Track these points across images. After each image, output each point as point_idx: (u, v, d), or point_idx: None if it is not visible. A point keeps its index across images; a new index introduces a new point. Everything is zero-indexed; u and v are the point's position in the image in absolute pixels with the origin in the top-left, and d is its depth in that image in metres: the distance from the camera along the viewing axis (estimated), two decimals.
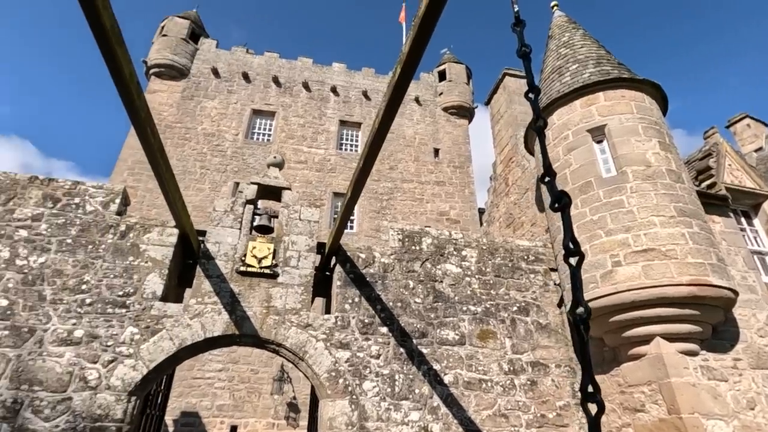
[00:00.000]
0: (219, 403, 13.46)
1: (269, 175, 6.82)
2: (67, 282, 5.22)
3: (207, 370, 13.74)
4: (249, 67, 20.59)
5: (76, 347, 4.91)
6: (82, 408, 4.64)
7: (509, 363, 6.24)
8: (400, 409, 5.52)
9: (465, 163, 20.66)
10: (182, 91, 19.16)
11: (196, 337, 5.25)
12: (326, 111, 20.30)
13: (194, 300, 5.50)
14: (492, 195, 10.83)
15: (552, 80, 7.55)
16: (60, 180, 5.87)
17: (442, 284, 6.61)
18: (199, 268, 5.74)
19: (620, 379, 5.76)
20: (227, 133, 18.58)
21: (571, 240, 1.18)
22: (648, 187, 5.76)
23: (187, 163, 17.47)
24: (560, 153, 6.77)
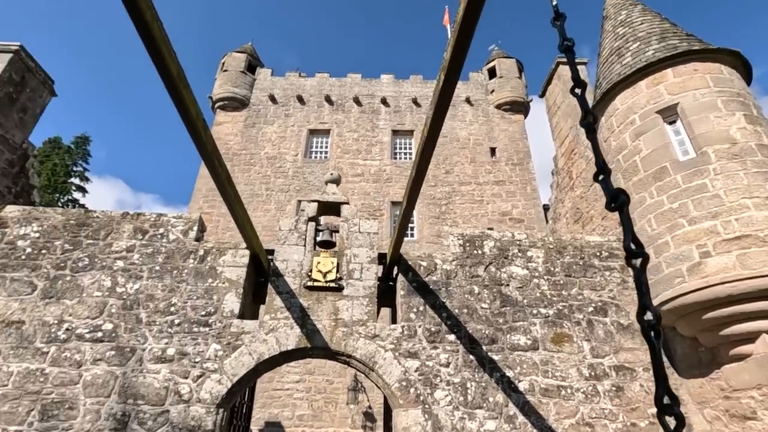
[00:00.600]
0: (299, 413, 14.00)
1: (328, 192, 7.07)
2: (158, 305, 5.78)
3: (285, 381, 14.38)
4: (302, 89, 21.57)
5: (170, 364, 5.40)
6: (178, 420, 5.08)
7: (589, 368, 5.85)
8: (474, 418, 5.39)
9: (524, 159, 19.89)
10: (244, 120, 20.52)
11: (272, 351, 5.55)
12: (378, 122, 20.65)
13: (268, 316, 5.82)
14: (555, 190, 10.32)
15: (611, 63, 7.08)
16: (146, 213, 6.55)
17: (509, 288, 6.39)
18: (270, 285, 6.07)
19: (723, 383, 5.17)
20: (287, 155, 19.55)
21: (632, 240, 1.11)
22: (735, 166, 5.17)
23: (253, 187, 18.61)
24: (627, 140, 6.30)
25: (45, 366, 5.28)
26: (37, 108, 9.86)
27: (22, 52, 9.29)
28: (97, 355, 5.38)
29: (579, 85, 1.48)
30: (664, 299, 5.34)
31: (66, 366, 5.30)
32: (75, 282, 5.86)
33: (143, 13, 2.59)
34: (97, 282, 5.88)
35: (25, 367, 5.26)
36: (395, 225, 18.14)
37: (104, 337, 5.51)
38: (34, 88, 9.72)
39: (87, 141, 31.31)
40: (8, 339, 5.41)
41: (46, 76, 9.98)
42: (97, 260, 6.05)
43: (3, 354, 5.32)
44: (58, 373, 5.25)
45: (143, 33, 2.74)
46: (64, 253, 6.08)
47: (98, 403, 5.11)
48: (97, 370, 5.30)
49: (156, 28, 2.79)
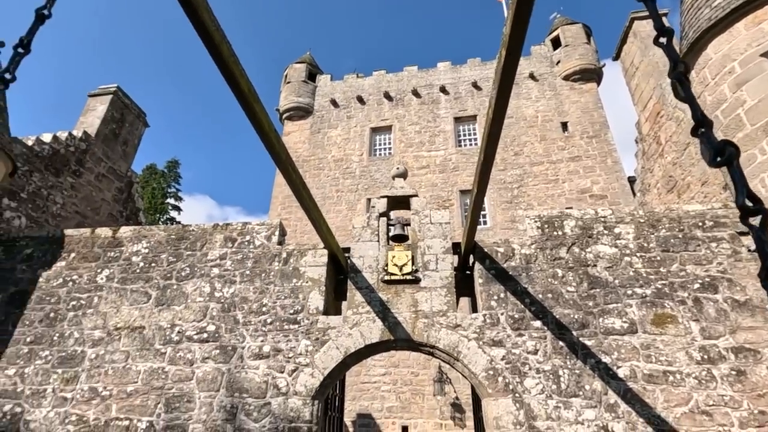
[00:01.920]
0: (388, 405, 14.36)
1: (396, 186, 7.13)
2: (252, 306, 6.26)
3: (372, 374, 14.82)
4: (361, 90, 21.96)
5: (267, 360, 5.83)
6: (279, 411, 5.47)
7: (701, 351, 5.27)
8: (570, 407, 5.12)
9: (601, 130, 18.39)
10: (310, 127, 21.41)
11: (357, 344, 5.75)
12: (439, 112, 20.36)
13: (350, 311, 6.04)
14: (642, 159, 9.40)
15: (697, 9, 6.27)
16: (233, 223, 7.11)
17: (596, 268, 5.96)
18: (350, 281, 6.29)
19: None
20: (353, 155, 20.05)
21: (748, 196, 0.98)
22: None
23: (324, 190, 19.36)
24: (726, 91, 5.55)
25: (164, 365, 5.98)
26: (135, 139, 11.16)
27: (120, 92, 10.56)
28: (205, 354, 5.98)
29: (664, 34, 1.33)
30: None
31: (181, 364, 5.95)
32: (180, 290, 6.56)
33: (212, 36, 2.80)
34: (198, 288, 6.52)
35: (149, 366, 6.00)
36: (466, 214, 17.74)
37: (209, 337, 6.09)
38: (132, 122, 11.00)
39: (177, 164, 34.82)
40: (134, 342, 6.22)
41: (140, 111, 11.24)
42: (196, 269, 6.70)
43: (132, 356, 6.12)
44: (175, 371, 5.92)
45: (215, 55, 2.96)
46: (169, 264, 6.83)
47: (210, 397, 5.68)
48: (206, 367, 5.89)
49: (225, 50, 3.01)
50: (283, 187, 19.73)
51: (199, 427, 5.50)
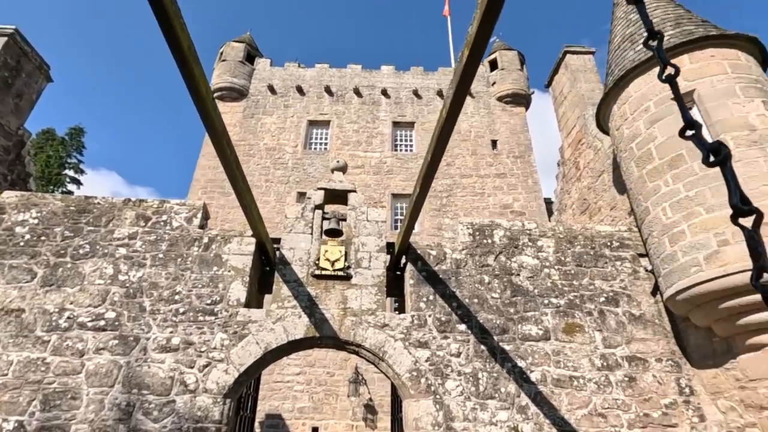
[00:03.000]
0: (299, 406, 13.93)
1: (334, 180, 6.92)
2: (162, 293, 5.63)
3: (286, 374, 14.29)
4: (302, 80, 21.31)
5: (175, 353, 5.26)
6: (184, 410, 4.95)
7: (602, 358, 5.78)
8: (486, 408, 5.30)
9: (525, 152, 19.78)
10: (243, 111, 20.25)
11: (279, 340, 5.42)
12: (378, 114, 20.44)
13: (275, 305, 5.69)
14: (561, 181, 10.21)
15: (624, 50, 6.95)
16: (149, 200, 6.37)
17: (519, 277, 6.29)
18: (277, 273, 5.94)
19: (738, 373, 5.10)
20: (287, 146, 19.33)
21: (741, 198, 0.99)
22: (755, 153, 5.07)
23: (253, 178, 18.37)
24: (641, 127, 6.18)
25: (46, 355, 5.13)
26: (33, 94, 9.61)
27: (18, 35, 9.03)
28: (99, 344, 5.23)
29: (653, 37, 1.35)
30: (680, 288, 5.26)
31: (68, 355, 5.15)
32: (76, 269, 5.70)
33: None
34: (99, 270, 5.72)
35: (26, 356, 5.11)
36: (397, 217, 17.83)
37: (107, 325, 5.36)
38: (30, 73, 9.46)
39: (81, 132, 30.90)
40: (7, 327, 5.25)
41: (42, 62, 9.72)
42: (98, 247, 5.88)
43: (2, 343, 5.16)
44: (59, 363, 5.10)
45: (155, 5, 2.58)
46: (64, 239, 5.91)
47: (102, 393, 4.97)
48: (100, 359, 5.16)
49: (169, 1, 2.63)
50: (207, 170, 18.41)
51: (83, 427, 4.78)
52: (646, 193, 5.95)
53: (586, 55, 10.11)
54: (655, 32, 1.33)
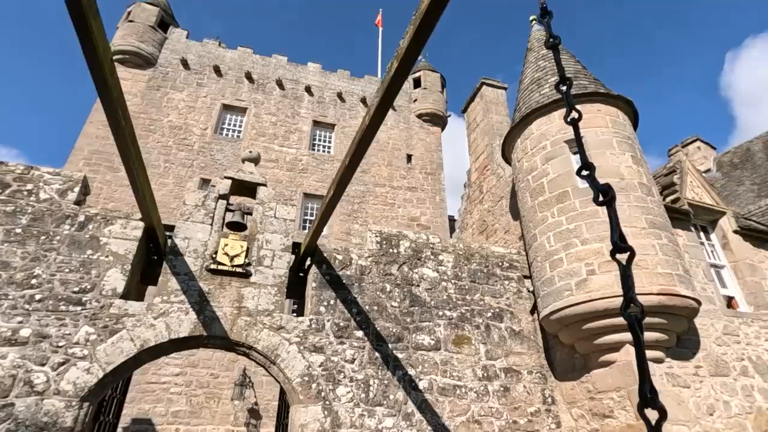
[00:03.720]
0: (174, 410, 12.76)
1: (244, 170, 6.54)
2: (15, 276, 4.74)
3: (163, 374, 13.01)
4: (221, 60, 19.96)
5: (22, 348, 4.45)
6: (26, 415, 4.19)
7: (483, 369, 6.24)
8: (374, 415, 5.37)
9: (437, 170, 20.86)
10: (148, 81, 18.28)
11: (160, 338, 4.90)
12: (300, 110, 19.96)
13: (159, 298, 5.15)
14: (466, 202, 10.93)
15: (531, 91, 7.71)
16: (11, 164, 5.36)
17: (419, 288, 6.54)
18: (166, 264, 5.39)
19: (590, 386, 5.87)
20: (195, 127, 17.86)
21: (619, 237, 1.11)
22: (621, 198, 5.95)
23: (150, 156, 16.61)
24: (538, 162, 6.89)
25: None
26: None
27: None
28: None
29: (564, 82, 1.48)
30: (554, 309, 5.92)
31: None
32: None
33: None
34: None
35: None
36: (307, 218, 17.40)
37: None
38: None
39: None
40: None
41: None
42: None
43: None
44: None
45: None
46: None
47: None
48: None
49: None
50: (94, 139, 16.20)
51: None
52: (536, 222, 6.62)
53: (499, 90, 11.02)
54: (566, 78, 1.47)
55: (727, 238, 7.59)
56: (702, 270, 6.85)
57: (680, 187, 7.45)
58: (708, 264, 7.15)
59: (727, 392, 5.72)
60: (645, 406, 0.94)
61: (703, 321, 6.18)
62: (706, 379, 5.70)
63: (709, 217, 7.81)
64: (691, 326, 5.95)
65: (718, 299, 6.70)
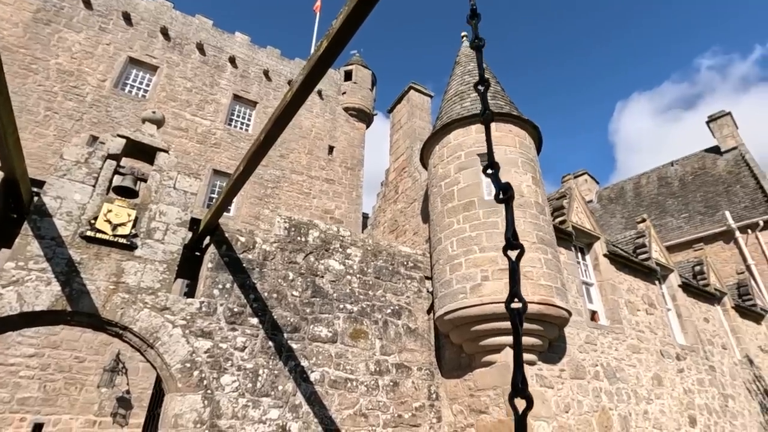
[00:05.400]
0: (22, 396, 11.01)
1: (143, 132, 5.85)
2: None
3: (12, 354, 11.15)
4: (133, 8, 17.76)
5: None
6: None
7: (376, 364, 6.34)
8: (259, 406, 5.14)
9: (357, 166, 20.90)
10: (35, 12, 15.57)
11: (6, 309, 4.14)
12: (220, 81, 18.58)
13: (13, 263, 4.35)
14: (381, 200, 11.09)
15: (454, 102, 8.05)
16: None
17: (323, 279, 6.44)
18: (27, 224, 4.58)
19: (471, 384, 6.30)
20: (90, 77, 15.64)
21: (513, 234, 1.15)
22: (519, 214, 6.48)
23: (27, 100, 14.17)
24: (452, 170, 7.22)
25: None
26: None
27: None
28: None
29: (482, 83, 1.52)
30: (449, 310, 6.23)
31: None
32: None
33: None
34: None
35: None
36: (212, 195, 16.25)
37: None
38: None
39: None
40: None
41: None
42: None
43: None
44: None
45: None
46: None
47: None
48: None
49: None
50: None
51: None
52: (443, 226, 6.93)
53: (426, 96, 11.37)
54: (485, 79, 1.50)
55: (598, 260, 8.71)
56: (576, 286, 7.76)
57: (568, 210, 8.37)
58: (581, 281, 8.13)
59: (581, 393, 6.54)
60: (515, 395, 0.98)
61: (570, 330, 6.99)
62: (567, 381, 6.46)
63: (586, 240, 8.89)
64: (561, 334, 6.69)
65: (585, 312, 7.65)
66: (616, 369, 7.42)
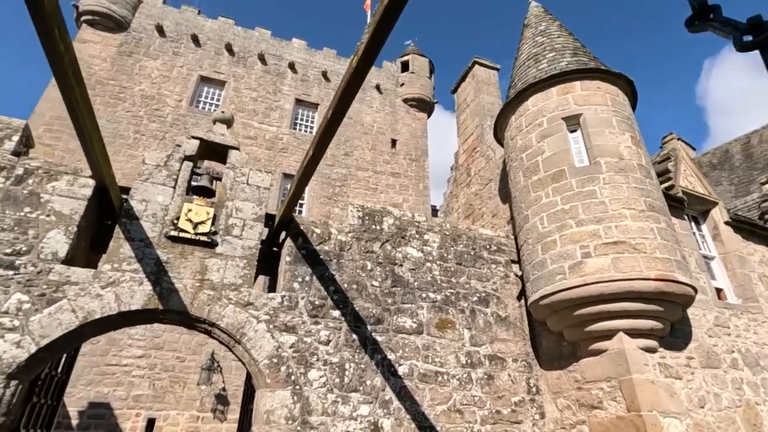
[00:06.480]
0: (136, 393, 12.05)
1: (215, 132, 5.91)
2: None
3: (125, 356, 12.26)
4: (200, 30, 18.87)
5: None
6: None
7: (467, 355, 5.85)
8: (348, 402, 4.91)
9: (421, 156, 20.40)
10: (119, 46, 17.10)
11: (107, 310, 4.29)
12: (282, 87, 19.11)
13: (109, 266, 4.52)
14: (452, 185, 10.52)
15: (528, 66, 7.29)
16: None
17: (402, 268, 6.08)
18: (119, 228, 4.75)
19: (578, 375, 5.57)
20: (169, 98, 16.85)
21: None
22: (620, 179, 5.61)
23: (119, 126, 15.58)
24: (533, 140, 6.49)
25: None
26: None
27: None
28: None
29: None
30: (545, 293, 5.56)
31: None
32: None
33: None
34: None
35: None
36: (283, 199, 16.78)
37: None
38: None
39: None
40: None
41: None
42: None
43: None
44: None
45: None
46: None
47: None
48: None
49: None
50: (57, 104, 15.01)
51: None
52: (529, 202, 6.24)
53: (491, 70, 10.59)
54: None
55: (718, 229, 7.41)
56: (694, 260, 6.62)
57: (675, 174, 7.20)
58: (700, 254, 6.94)
59: (717, 384, 5.50)
60: None
61: (695, 311, 5.95)
62: (698, 370, 5.47)
63: (701, 207, 7.61)
64: (684, 316, 5.70)
65: (710, 290, 6.49)
66: (759, 356, 6.19)
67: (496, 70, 10.68)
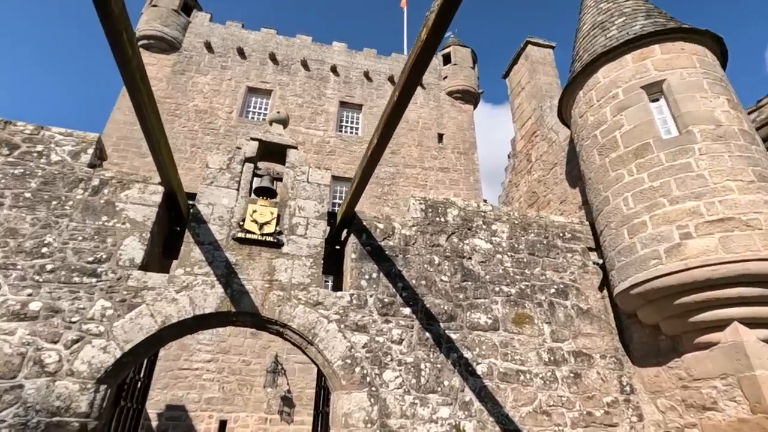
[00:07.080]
0: (207, 396, 12.48)
1: (272, 132, 5.87)
2: (23, 244, 4.23)
3: (195, 360, 12.75)
4: (244, 42, 19.46)
5: (32, 323, 3.93)
6: (36, 398, 3.67)
7: (549, 352, 5.38)
8: (427, 403, 4.63)
9: (470, 149, 19.79)
10: (173, 66, 17.99)
11: (183, 313, 4.30)
12: (326, 91, 19.27)
13: (181, 270, 4.55)
14: (511, 174, 9.97)
15: (594, 36, 6.67)
16: (19, 123, 4.85)
17: (471, 261, 5.72)
18: (188, 232, 4.78)
19: (682, 372, 4.94)
20: (220, 111, 17.48)
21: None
22: (720, 148, 4.93)
23: (177, 141, 16.33)
24: (607, 114, 5.90)
25: None
26: None
27: None
28: None
29: None
30: (636, 282, 4.99)
31: None
32: None
33: None
34: None
35: None
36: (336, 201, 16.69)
37: None
38: None
39: None
40: None
41: None
42: None
43: None
44: None
45: None
46: None
47: None
48: None
49: None
50: (122, 125, 16.04)
51: None
52: (608, 183, 5.66)
53: (546, 49, 9.94)
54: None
55: None
56: None
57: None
58: None
59: None
60: None
61: None
62: None
63: None
64: None
65: None
66: None
67: (551, 49, 10.01)
